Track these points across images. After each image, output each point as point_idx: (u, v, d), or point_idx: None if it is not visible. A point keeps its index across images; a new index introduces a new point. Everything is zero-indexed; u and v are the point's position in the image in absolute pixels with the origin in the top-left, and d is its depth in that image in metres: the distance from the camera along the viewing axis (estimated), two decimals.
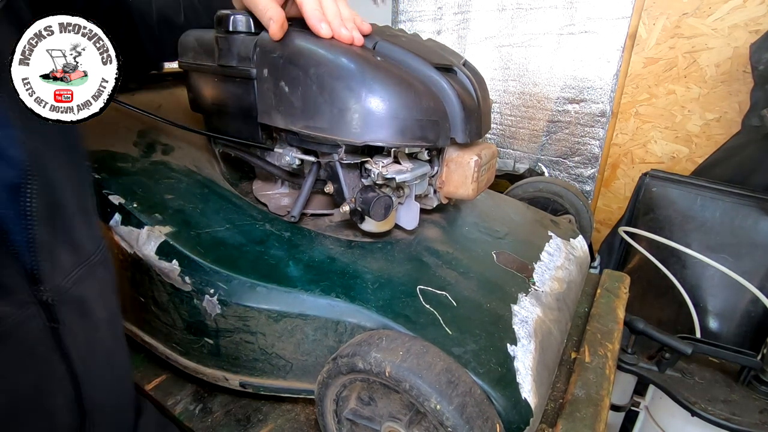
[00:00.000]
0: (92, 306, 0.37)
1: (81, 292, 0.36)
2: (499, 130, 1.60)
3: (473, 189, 0.52)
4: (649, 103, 1.31)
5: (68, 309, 0.34)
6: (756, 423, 0.64)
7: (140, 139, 0.60)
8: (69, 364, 0.34)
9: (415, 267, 0.51)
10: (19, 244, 0.30)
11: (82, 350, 0.35)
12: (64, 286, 0.34)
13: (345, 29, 0.45)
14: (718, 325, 1.01)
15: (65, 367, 0.34)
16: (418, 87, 0.45)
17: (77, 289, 0.35)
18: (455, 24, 1.58)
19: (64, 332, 0.33)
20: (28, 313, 0.31)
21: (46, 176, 0.32)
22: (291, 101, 0.45)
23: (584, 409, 0.47)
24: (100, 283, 0.38)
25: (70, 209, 0.35)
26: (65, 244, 0.34)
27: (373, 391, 0.41)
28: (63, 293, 0.33)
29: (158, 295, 0.48)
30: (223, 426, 0.49)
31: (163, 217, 0.49)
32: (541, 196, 0.88)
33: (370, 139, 0.43)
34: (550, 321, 0.51)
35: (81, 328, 0.35)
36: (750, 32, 1.11)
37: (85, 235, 0.37)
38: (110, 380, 0.40)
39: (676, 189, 1.10)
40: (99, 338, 0.38)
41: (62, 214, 0.34)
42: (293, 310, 0.44)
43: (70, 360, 0.34)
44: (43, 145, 0.32)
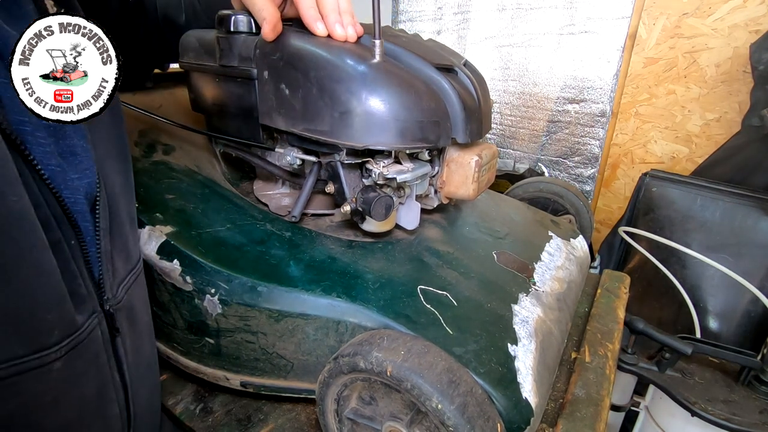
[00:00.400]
0: (138, 313, 0.38)
1: (131, 300, 0.36)
2: (499, 130, 1.60)
3: (474, 189, 0.52)
4: (649, 103, 1.31)
5: (123, 317, 0.35)
6: (756, 423, 0.64)
7: (141, 138, 0.60)
8: (121, 372, 0.35)
9: (416, 267, 0.51)
10: (92, 256, 0.31)
11: (131, 357, 0.36)
12: (119, 294, 0.34)
13: (340, 26, 0.44)
14: (718, 325, 1.01)
15: (119, 375, 0.35)
16: (419, 88, 0.45)
17: (128, 298, 0.36)
18: (455, 24, 1.58)
19: (119, 341, 0.34)
20: (96, 321, 0.31)
21: (108, 186, 0.33)
22: (291, 103, 0.45)
23: (584, 408, 0.47)
24: (142, 290, 0.39)
25: (123, 218, 0.35)
26: (121, 254, 0.35)
27: (374, 391, 0.41)
28: (119, 302, 0.34)
29: (159, 295, 0.48)
30: (223, 426, 0.49)
31: (164, 216, 0.49)
32: (541, 196, 0.88)
33: (371, 143, 0.43)
34: (551, 321, 0.51)
35: (130, 336, 0.36)
36: (750, 32, 1.11)
37: (133, 243, 0.38)
38: (149, 386, 0.40)
39: (676, 189, 1.10)
40: (142, 345, 0.39)
41: (118, 223, 0.34)
42: (294, 310, 0.44)
43: (122, 367, 0.35)
44: (105, 154, 0.33)
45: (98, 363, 0.32)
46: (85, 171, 0.31)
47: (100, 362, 0.32)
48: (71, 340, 0.29)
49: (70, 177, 0.30)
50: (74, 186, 0.30)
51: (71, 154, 0.30)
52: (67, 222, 0.29)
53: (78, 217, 0.30)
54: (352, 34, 0.45)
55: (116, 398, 0.34)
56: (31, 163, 0.27)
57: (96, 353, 0.32)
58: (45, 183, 0.28)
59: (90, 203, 0.31)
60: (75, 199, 0.30)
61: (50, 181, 0.28)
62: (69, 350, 0.29)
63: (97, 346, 0.32)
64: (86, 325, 0.30)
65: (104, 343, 0.32)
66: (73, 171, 0.30)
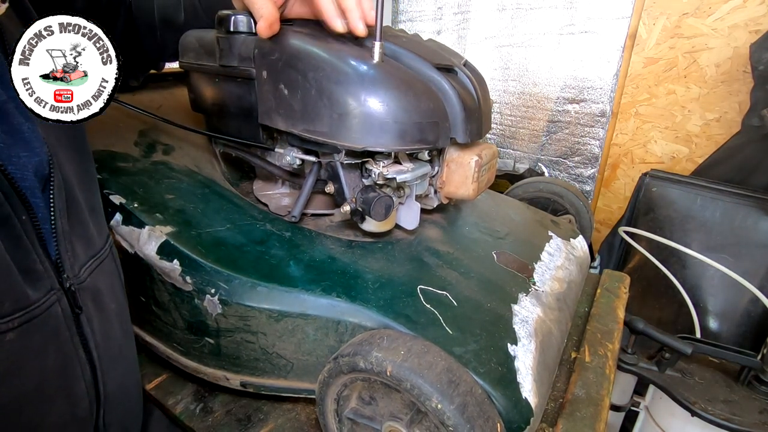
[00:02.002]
0: (104, 297, 0.39)
1: (95, 283, 0.37)
2: (499, 130, 1.60)
3: (474, 189, 0.52)
4: (649, 103, 1.31)
5: (87, 297, 0.36)
6: (756, 423, 0.64)
7: (141, 139, 0.60)
8: (87, 350, 0.36)
9: (416, 267, 0.51)
10: (46, 233, 0.32)
11: (98, 338, 0.37)
12: (81, 275, 0.35)
13: (362, 23, 0.42)
14: (718, 325, 1.01)
15: (84, 353, 0.36)
16: (418, 89, 0.45)
17: (93, 280, 0.37)
18: (455, 24, 1.58)
19: (84, 319, 0.35)
20: (54, 298, 0.32)
21: (62, 171, 0.34)
22: (291, 104, 0.45)
23: (584, 408, 0.47)
24: (109, 277, 0.40)
25: (82, 204, 0.37)
26: (80, 237, 0.36)
27: (374, 391, 0.41)
28: (82, 281, 0.35)
29: (159, 295, 0.48)
30: (223, 425, 0.49)
31: (164, 216, 0.49)
32: (541, 196, 0.88)
33: (369, 144, 0.43)
34: (551, 321, 0.51)
35: (96, 317, 0.37)
36: (750, 32, 1.11)
37: (95, 231, 0.39)
38: (121, 371, 0.41)
39: (676, 189, 1.10)
40: (112, 329, 0.39)
41: (76, 209, 0.36)
42: (294, 310, 0.44)
43: (88, 346, 0.36)
44: (56, 142, 0.33)
45: (59, 339, 0.33)
46: (33, 149, 0.31)
47: (62, 338, 0.33)
48: (24, 313, 0.30)
49: (15, 153, 0.30)
50: (21, 163, 0.31)
51: (16, 131, 0.31)
52: (16, 197, 0.30)
53: (28, 193, 0.31)
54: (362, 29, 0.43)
55: (82, 375, 0.35)
56: None
57: (56, 329, 0.33)
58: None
59: (41, 181, 0.32)
60: (23, 175, 0.31)
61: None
62: (23, 323, 0.30)
63: (57, 322, 0.33)
64: (43, 300, 0.31)
65: (66, 320, 0.33)
66: (19, 148, 0.31)
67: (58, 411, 0.34)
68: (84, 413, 0.36)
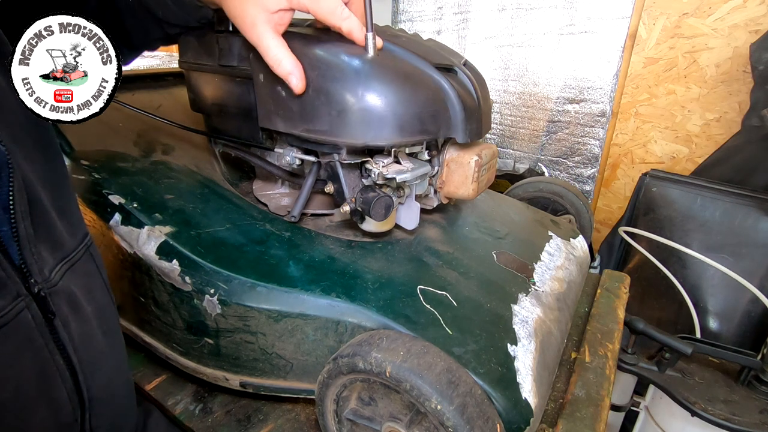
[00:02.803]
0: (80, 299, 0.37)
1: (68, 285, 0.36)
2: (499, 130, 1.60)
3: (473, 189, 0.52)
4: (649, 103, 1.31)
5: (60, 301, 0.35)
6: (756, 423, 0.64)
7: (140, 138, 0.60)
8: (66, 355, 0.35)
9: (416, 267, 0.51)
10: (6, 237, 0.31)
11: (77, 341, 0.36)
12: (52, 279, 0.34)
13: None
14: (718, 325, 1.01)
15: (63, 358, 0.35)
16: (415, 80, 0.45)
17: (65, 283, 0.35)
18: (455, 24, 1.58)
19: (59, 323, 0.34)
20: (23, 305, 0.31)
21: (21, 171, 0.32)
22: (289, 105, 0.45)
23: (584, 409, 0.47)
24: (84, 278, 0.39)
25: (46, 206, 0.35)
26: (46, 240, 0.34)
27: (374, 391, 0.41)
28: (53, 285, 0.34)
29: (158, 295, 0.48)
30: (223, 426, 0.49)
31: (163, 217, 0.49)
32: (541, 196, 0.88)
33: (370, 139, 0.43)
34: (551, 321, 0.51)
35: (74, 321, 0.36)
36: (750, 32, 1.11)
37: (65, 232, 0.37)
38: (106, 373, 0.40)
39: (676, 189, 1.10)
40: (90, 331, 0.38)
41: (39, 211, 0.34)
42: (293, 310, 0.44)
43: (66, 351, 0.35)
44: (12, 141, 0.32)
45: (34, 346, 0.32)
46: None
47: (36, 345, 0.32)
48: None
49: None
50: None
51: None
52: None
53: None
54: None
55: (62, 381, 0.34)
56: None
57: (28, 336, 0.32)
58: None
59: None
60: None
61: None
62: None
63: (29, 329, 0.32)
64: (9, 308, 0.30)
65: (38, 326, 0.32)
66: None
67: (40, 418, 0.33)
68: (68, 419, 0.35)
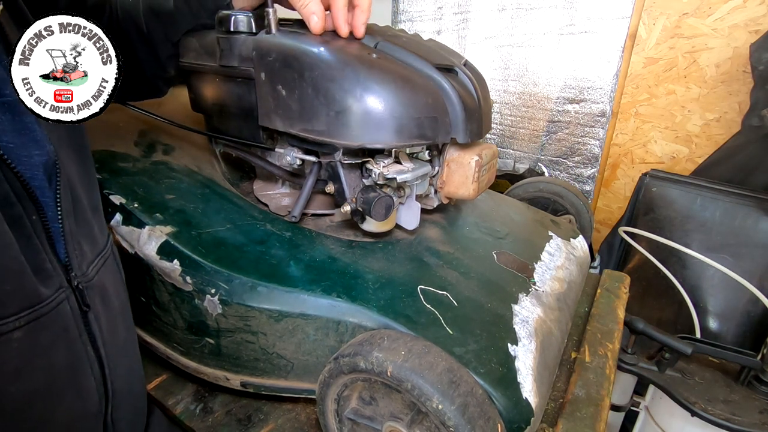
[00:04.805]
0: (110, 295, 0.39)
1: (102, 281, 0.38)
2: (499, 130, 1.60)
3: (474, 189, 0.52)
4: (649, 103, 1.31)
5: (95, 295, 0.36)
6: (756, 423, 0.64)
7: (141, 139, 0.60)
8: (95, 347, 0.36)
9: (416, 267, 0.51)
10: (55, 233, 0.33)
11: (105, 335, 0.37)
12: (89, 273, 0.36)
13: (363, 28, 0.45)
14: (718, 325, 1.01)
15: (93, 350, 0.36)
16: (415, 84, 0.45)
17: (100, 278, 0.37)
18: (455, 24, 1.58)
19: (92, 316, 0.36)
20: (63, 296, 0.33)
21: (66, 170, 0.34)
22: (289, 105, 0.45)
23: (584, 408, 0.47)
24: (113, 275, 0.41)
25: (84, 204, 0.37)
26: (86, 236, 0.36)
27: (375, 391, 0.41)
28: (89, 280, 0.36)
29: (159, 295, 0.48)
30: (223, 426, 0.49)
31: (164, 217, 0.49)
32: (541, 196, 0.88)
33: (368, 141, 0.43)
34: (551, 321, 0.51)
35: (103, 314, 0.37)
36: (750, 32, 1.11)
37: (98, 229, 0.39)
38: (126, 368, 0.41)
39: (676, 189, 1.10)
40: (116, 326, 0.40)
41: (80, 208, 0.36)
42: (294, 310, 0.44)
43: (96, 343, 0.36)
44: (58, 142, 0.34)
45: (69, 337, 0.33)
46: (42, 148, 0.32)
47: (71, 336, 0.34)
48: (32, 311, 0.30)
49: (27, 153, 0.31)
50: (32, 162, 0.31)
51: (27, 130, 0.31)
52: (27, 197, 0.30)
53: (38, 193, 0.31)
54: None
55: (92, 372, 0.36)
56: None
57: (65, 326, 0.33)
58: (2, 159, 0.29)
59: (49, 179, 0.32)
60: (33, 174, 0.31)
61: (6, 157, 0.29)
62: (30, 321, 0.30)
63: (66, 320, 0.33)
64: (52, 298, 0.31)
65: (74, 318, 0.34)
66: (29, 147, 0.31)
67: (68, 407, 0.34)
68: (94, 408, 0.37)
